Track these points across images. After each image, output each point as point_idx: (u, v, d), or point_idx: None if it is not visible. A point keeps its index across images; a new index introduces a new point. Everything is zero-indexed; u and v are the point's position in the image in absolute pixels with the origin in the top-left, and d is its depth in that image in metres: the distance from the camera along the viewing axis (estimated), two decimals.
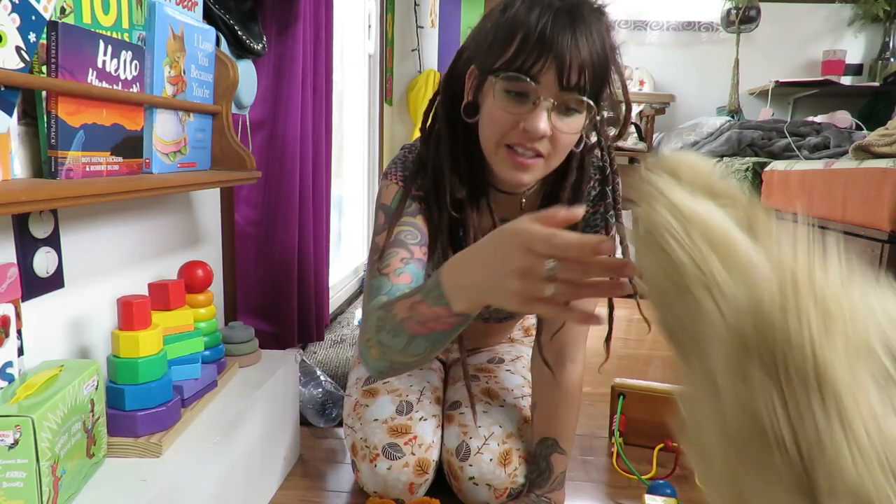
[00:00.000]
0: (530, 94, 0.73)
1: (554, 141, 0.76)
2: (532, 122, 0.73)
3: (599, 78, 0.73)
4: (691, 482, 1.12)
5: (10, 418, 0.57)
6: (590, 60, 0.71)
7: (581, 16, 0.71)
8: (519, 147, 0.76)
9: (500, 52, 0.74)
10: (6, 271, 0.66)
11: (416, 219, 0.88)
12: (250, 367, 1.07)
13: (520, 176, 0.79)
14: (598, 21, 0.73)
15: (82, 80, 0.67)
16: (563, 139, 0.76)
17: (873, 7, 2.99)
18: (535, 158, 0.77)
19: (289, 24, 1.29)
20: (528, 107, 0.74)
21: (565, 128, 0.75)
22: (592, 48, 0.71)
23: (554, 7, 0.71)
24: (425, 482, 0.99)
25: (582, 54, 0.71)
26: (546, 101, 0.73)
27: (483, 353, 1.23)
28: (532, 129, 0.73)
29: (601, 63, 0.72)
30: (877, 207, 1.22)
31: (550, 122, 0.74)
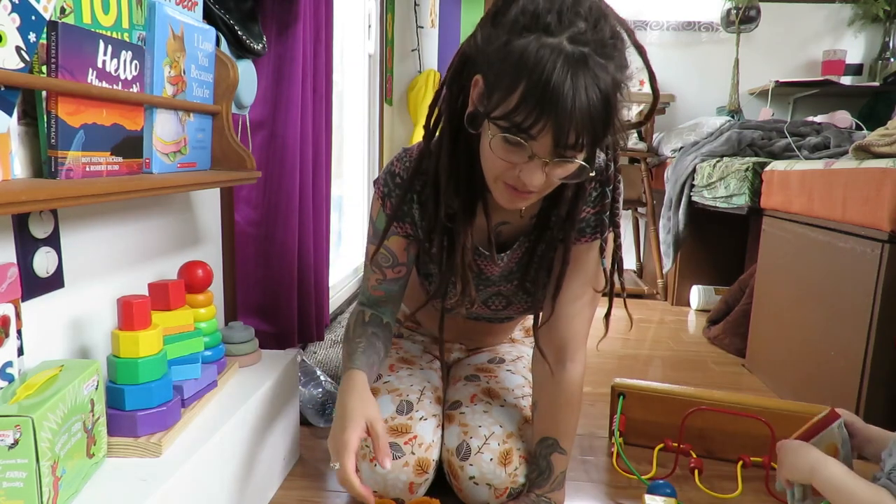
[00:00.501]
0: (526, 149, 0.73)
1: (548, 180, 0.77)
2: (527, 176, 0.75)
3: (600, 131, 0.72)
4: (691, 482, 1.12)
5: (10, 418, 0.57)
6: (589, 120, 0.69)
7: (587, 68, 0.68)
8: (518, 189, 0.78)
9: (501, 98, 0.71)
10: (6, 271, 0.66)
11: (390, 241, 0.98)
12: (250, 367, 1.07)
13: (516, 204, 0.82)
14: (605, 66, 0.69)
15: (82, 80, 0.67)
16: (557, 179, 0.78)
17: (873, 7, 2.99)
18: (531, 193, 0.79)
19: (289, 24, 1.29)
20: (524, 158, 0.74)
21: (561, 174, 0.76)
22: (594, 107, 0.68)
23: (562, 55, 0.67)
24: (425, 482, 0.99)
25: (580, 118, 0.68)
26: (541, 158, 0.73)
27: (484, 353, 1.23)
28: (527, 181, 0.75)
29: (602, 117, 0.70)
30: (877, 207, 1.22)
31: (544, 173, 0.75)
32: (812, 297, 1.50)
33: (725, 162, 2.22)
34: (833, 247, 1.40)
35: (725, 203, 2.15)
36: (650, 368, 1.84)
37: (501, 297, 1.04)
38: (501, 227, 0.96)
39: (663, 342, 2.12)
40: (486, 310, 1.07)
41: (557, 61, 0.67)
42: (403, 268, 1.01)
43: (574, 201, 0.88)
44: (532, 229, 0.95)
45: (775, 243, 1.74)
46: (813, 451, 0.83)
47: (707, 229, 2.55)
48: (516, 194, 0.79)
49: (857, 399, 1.26)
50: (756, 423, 1.14)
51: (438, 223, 0.89)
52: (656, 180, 2.87)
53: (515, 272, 1.00)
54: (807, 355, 1.50)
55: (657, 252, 2.72)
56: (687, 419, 1.15)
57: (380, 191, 0.96)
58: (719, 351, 2.03)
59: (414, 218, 0.95)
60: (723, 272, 2.60)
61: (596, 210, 0.92)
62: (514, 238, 0.97)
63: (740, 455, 1.17)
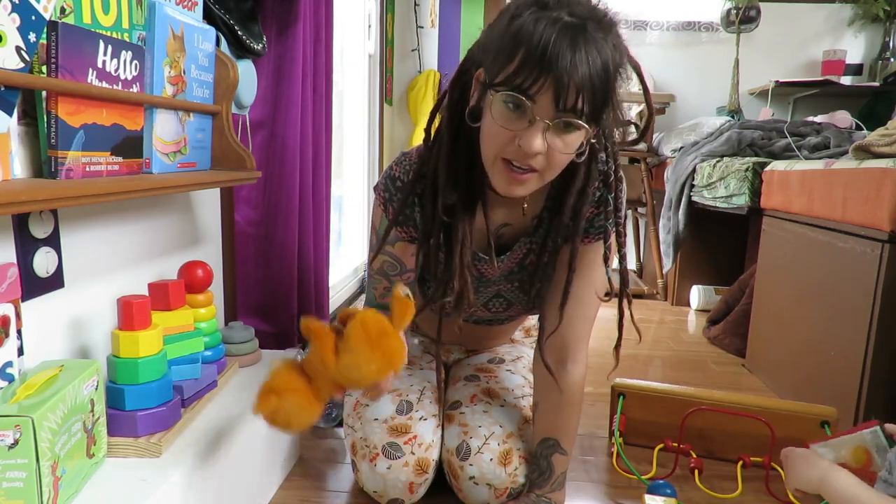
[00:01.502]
0: (527, 112, 0.73)
1: (549, 157, 0.76)
2: (527, 141, 0.74)
3: (599, 98, 0.72)
4: (691, 482, 1.12)
5: (10, 418, 0.57)
6: (588, 82, 0.70)
7: (585, 33, 0.70)
8: (515, 161, 0.77)
9: (502, 67, 0.73)
10: (6, 271, 0.66)
11: (395, 247, 0.97)
12: (250, 367, 1.07)
13: (514, 189, 0.80)
14: (604, 38, 0.71)
15: (82, 80, 0.67)
16: (559, 156, 0.77)
17: (873, 7, 2.99)
18: (530, 173, 0.78)
19: (289, 24, 1.29)
20: (525, 124, 0.74)
21: (561, 146, 0.75)
22: (594, 69, 0.70)
23: (560, 22, 0.69)
24: (425, 482, 0.99)
25: (580, 77, 0.70)
26: (542, 121, 0.73)
27: (484, 354, 1.23)
28: (527, 147, 0.74)
29: (601, 83, 0.71)
30: (877, 207, 1.22)
31: (545, 140, 0.74)
32: (812, 297, 1.50)
33: (725, 162, 2.22)
34: (833, 247, 1.40)
35: (725, 203, 2.15)
36: (650, 368, 1.84)
37: (502, 298, 1.04)
38: (503, 229, 0.96)
39: (663, 342, 2.12)
40: (487, 312, 1.07)
41: (556, 26, 0.69)
42: (411, 274, 0.99)
43: (577, 200, 0.88)
44: (534, 230, 0.95)
45: (775, 243, 1.74)
46: (822, 460, 0.81)
47: (707, 229, 2.55)
48: (514, 176, 0.78)
49: (857, 399, 1.26)
50: (756, 423, 1.14)
51: (436, 218, 0.88)
52: (656, 180, 2.87)
53: (516, 272, 0.99)
54: (807, 355, 1.50)
55: (657, 252, 2.72)
56: (687, 419, 1.15)
57: (381, 196, 0.96)
58: (719, 351, 2.03)
59: (416, 221, 0.95)
60: (723, 272, 2.60)
61: (599, 210, 0.92)
62: (515, 240, 0.97)
63: (740, 455, 1.17)
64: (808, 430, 1.18)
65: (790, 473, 0.84)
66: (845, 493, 0.74)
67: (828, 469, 0.78)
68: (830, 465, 0.79)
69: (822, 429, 1.17)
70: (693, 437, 1.20)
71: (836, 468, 0.78)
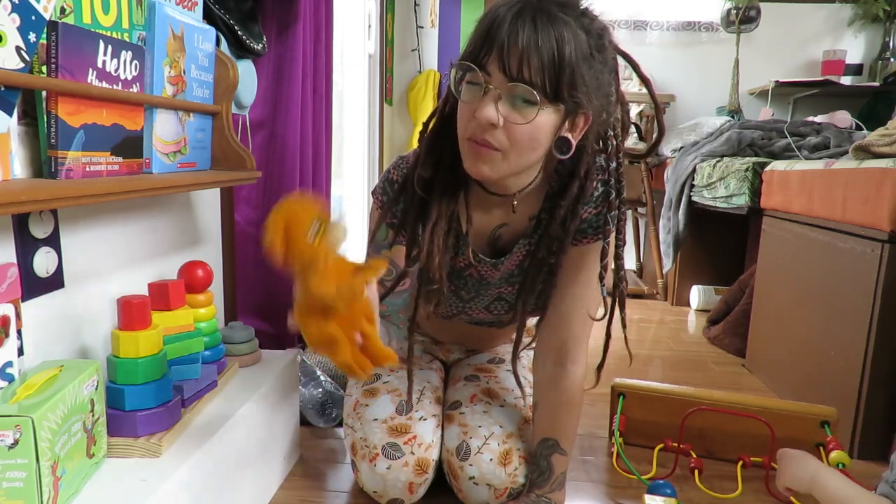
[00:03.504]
0: (481, 84, 0.75)
1: (508, 133, 0.76)
2: (479, 110, 0.75)
3: (552, 70, 0.72)
4: (691, 482, 1.12)
5: (10, 418, 0.57)
6: (534, 50, 0.71)
7: (544, 11, 0.72)
8: (476, 139, 0.78)
9: (465, 49, 0.77)
10: (6, 271, 0.66)
11: (391, 251, 0.95)
12: (250, 367, 1.07)
13: (479, 167, 0.80)
14: (566, 17, 0.72)
15: (82, 80, 0.67)
16: (518, 131, 0.76)
17: (873, 7, 2.99)
18: (491, 150, 0.78)
19: (289, 24, 1.30)
20: (480, 95, 0.76)
21: (517, 118, 0.75)
22: (541, 39, 0.71)
23: (520, 3, 0.73)
24: (425, 482, 0.99)
25: (523, 44, 0.71)
26: (494, 90, 0.74)
27: (484, 354, 1.23)
28: (479, 116, 0.75)
29: (552, 55, 0.72)
30: (877, 207, 1.22)
31: (498, 111, 0.75)
32: (812, 297, 1.50)
33: (725, 162, 2.22)
34: (833, 247, 1.40)
35: (725, 203, 2.15)
36: (650, 368, 1.84)
37: (503, 301, 1.04)
38: (501, 230, 0.96)
39: (663, 342, 2.12)
40: (489, 314, 1.07)
41: (518, 5, 0.73)
42: (408, 280, 0.98)
43: (575, 200, 0.88)
44: (532, 231, 0.95)
45: (775, 243, 1.74)
46: (813, 460, 0.82)
47: (707, 229, 2.55)
48: (477, 150, 0.78)
49: (857, 399, 1.26)
50: (756, 423, 1.14)
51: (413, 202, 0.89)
52: (656, 180, 2.87)
53: (516, 275, 0.99)
54: (807, 355, 1.50)
55: (657, 252, 2.72)
56: (687, 419, 1.15)
57: (378, 200, 0.96)
58: (719, 351, 2.03)
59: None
60: (723, 272, 2.60)
61: (598, 210, 0.91)
62: (513, 242, 0.97)
63: (740, 455, 1.17)
64: (808, 430, 1.18)
65: (782, 473, 0.85)
66: (835, 493, 0.75)
67: (818, 469, 0.79)
68: (821, 466, 0.80)
69: (822, 429, 1.17)
70: (693, 437, 1.20)
71: (827, 468, 0.79)
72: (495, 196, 0.91)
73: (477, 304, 1.04)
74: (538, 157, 0.81)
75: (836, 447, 1.13)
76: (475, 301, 1.03)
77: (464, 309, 1.05)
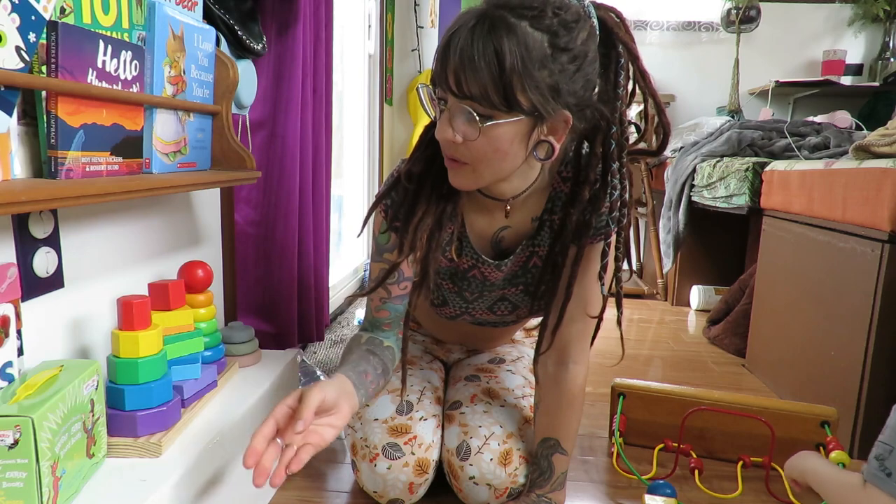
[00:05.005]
0: (441, 102, 0.77)
1: (469, 148, 0.77)
2: (438, 129, 0.77)
3: (494, 82, 0.70)
4: (691, 482, 1.12)
5: (10, 418, 0.57)
6: (472, 66, 0.70)
7: (487, 19, 0.70)
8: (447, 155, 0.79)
9: None
10: (6, 271, 0.66)
11: (393, 254, 0.94)
12: (250, 367, 1.07)
13: (455, 181, 0.82)
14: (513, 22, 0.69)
15: (82, 80, 0.67)
16: (475, 146, 0.76)
17: (873, 7, 2.99)
18: (460, 164, 0.79)
19: (289, 24, 1.30)
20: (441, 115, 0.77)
21: (470, 134, 0.75)
22: (481, 52, 0.69)
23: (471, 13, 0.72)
24: (425, 482, 0.99)
25: (462, 60, 0.70)
26: (447, 109, 0.75)
27: (484, 354, 1.23)
28: (438, 136, 0.77)
29: (493, 67, 0.69)
30: (877, 207, 1.22)
31: (454, 129, 0.75)
32: (812, 297, 1.50)
33: (725, 162, 2.22)
34: (833, 247, 1.40)
35: (725, 203, 2.15)
36: (650, 368, 1.84)
37: (507, 301, 1.04)
38: (503, 232, 0.96)
39: (663, 342, 2.12)
40: (493, 315, 1.06)
41: (462, 16, 0.73)
42: (409, 283, 0.97)
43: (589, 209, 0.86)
44: (535, 234, 0.95)
45: (775, 243, 1.74)
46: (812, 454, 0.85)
47: (707, 229, 2.55)
48: (450, 164, 0.80)
49: (857, 399, 1.27)
50: (756, 423, 1.14)
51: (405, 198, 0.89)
52: (656, 180, 2.87)
53: (520, 276, 0.99)
54: (807, 355, 1.50)
55: (657, 252, 2.72)
56: (687, 419, 1.15)
57: (383, 205, 0.95)
58: (719, 351, 2.03)
59: None
60: (723, 272, 2.60)
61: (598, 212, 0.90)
62: (516, 243, 0.97)
63: (740, 455, 1.17)
64: (808, 430, 1.18)
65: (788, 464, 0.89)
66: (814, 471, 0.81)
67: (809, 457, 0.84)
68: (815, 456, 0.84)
69: (823, 429, 1.17)
70: (693, 437, 1.20)
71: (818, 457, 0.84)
72: (491, 199, 0.91)
73: (481, 304, 1.04)
74: (512, 165, 0.80)
75: (836, 447, 1.13)
76: (479, 302, 1.03)
77: (467, 309, 1.05)
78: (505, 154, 0.77)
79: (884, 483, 0.69)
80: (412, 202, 0.88)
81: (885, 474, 0.69)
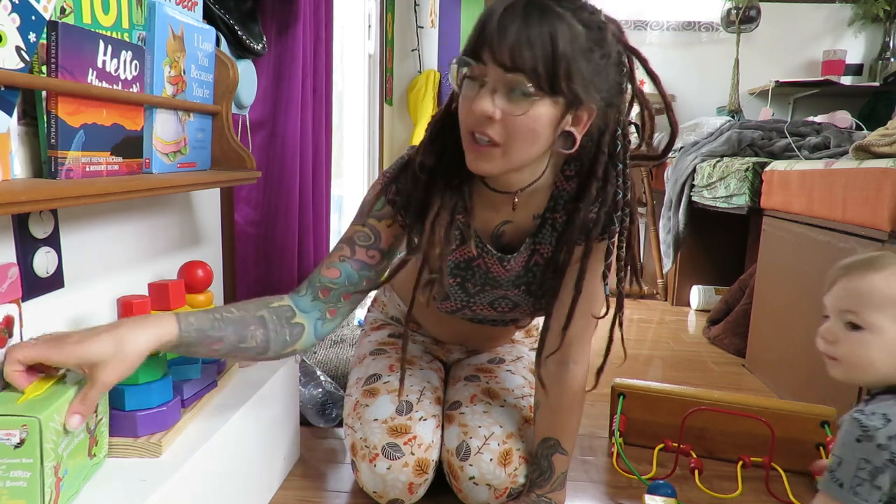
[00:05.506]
0: (478, 77, 0.76)
1: (507, 126, 0.76)
2: (476, 103, 0.75)
3: (547, 63, 0.72)
4: (691, 482, 1.12)
5: (17, 418, 0.57)
6: (525, 42, 0.71)
7: (537, 4, 0.72)
8: (476, 133, 0.78)
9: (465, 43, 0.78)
10: (7, 271, 0.66)
11: (381, 222, 0.92)
12: (250, 367, 1.07)
13: (479, 164, 0.80)
14: (563, 11, 0.73)
15: (82, 80, 0.67)
16: (516, 124, 0.76)
17: (873, 7, 2.99)
18: (490, 147, 0.78)
19: (289, 24, 1.30)
20: (478, 89, 0.76)
21: (513, 110, 0.75)
22: (532, 31, 0.71)
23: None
24: (425, 482, 0.99)
25: (514, 36, 0.71)
26: (490, 82, 0.75)
27: (484, 354, 1.23)
28: (476, 108, 0.75)
29: (544, 48, 0.72)
30: (877, 207, 1.22)
31: (494, 103, 0.75)
32: (812, 297, 1.49)
33: (725, 162, 2.22)
34: (833, 247, 1.40)
35: (725, 203, 2.15)
36: (650, 368, 1.84)
37: (508, 300, 1.04)
38: (504, 227, 0.95)
39: (663, 342, 2.12)
40: (493, 311, 1.06)
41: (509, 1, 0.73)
42: (378, 255, 0.93)
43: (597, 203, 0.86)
44: (537, 231, 0.95)
45: (775, 243, 1.74)
46: None
47: (707, 229, 2.55)
48: (476, 148, 0.78)
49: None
50: (756, 423, 1.14)
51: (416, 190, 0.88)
52: (656, 180, 2.87)
53: (522, 276, 0.99)
54: (807, 355, 1.50)
55: (657, 252, 2.72)
56: (687, 419, 1.15)
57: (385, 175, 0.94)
58: (719, 351, 2.03)
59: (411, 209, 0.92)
60: (723, 272, 2.60)
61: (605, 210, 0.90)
62: (519, 240, 0.96)
63: (740, 455, 1.17)
64: (808, 430, 1.18)
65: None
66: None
67: None
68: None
69: (823, 429, 1.17)
70: (693, 437, 1.20)
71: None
72: (498, 193, 0.90)
73: (482, 299, 1.03)
74: (538, 151, 0.81)
75: None
76: (480, 296, 1.03)
77: (468, 304, 1.04)
78: (538, 136, 0.78)
79: (836, 493, 0.70)
80: (424, 196, 0.88)
81: (838, 485, 0.70)
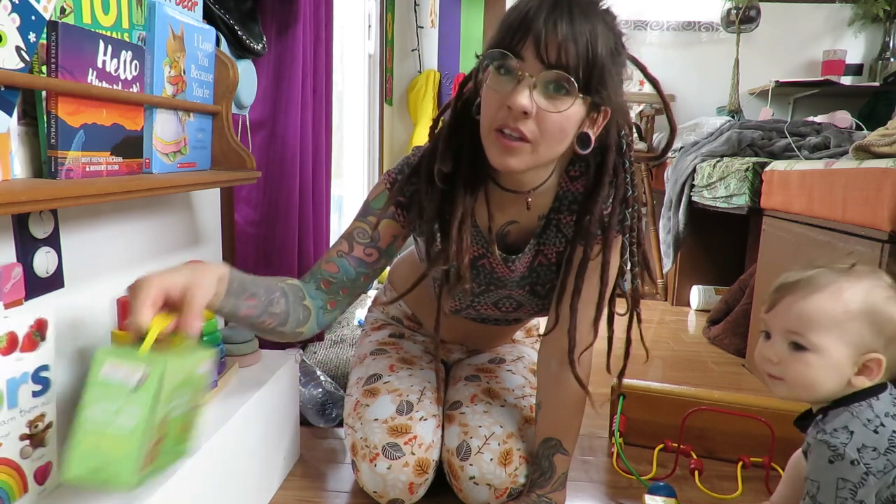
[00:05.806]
0: (514, 72, 0.75)
1: (540, 122, 0.76)
2: (513, 98, 0.74)
3: (586, 61, 0.74)
4: (691, 482, 1.12)
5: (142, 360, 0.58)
6: (572, 40, 0.72)
7: (578, 5, 0.73)
8: (506, 129, 0.77)
9: (494, 39, 0.77)
10: (10, 271, 0.65)
11: (381, 222, 0.93)
12: (250, 367, 1.07)
13: (506, 160, 0.79)
14: (592, 13, 0.74)
15: (82, 80, 0.67)
16: (550, 121, 0.76)
17: (873, 7, 2.99)
18: (521, 142, 0.77)
19: (289, 24, 1.30)
20: (513, 84, 0.75)
21: (550, 106, 0.75)
22: (577, 30, 0.73)
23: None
24: (425, 482, 0.99)
25: (562, 33, 0.72)
26: (529, 77, 0.74)
27: (485, 354, 1.23)
28: (513, 103, 0.74)
29: (586, 45, 0.73)
30: (877, 207, 1.22)
31: (532, 99, 0.74)
32: None
33: (725, 162, 2.22)
34: (833, 247, 1.40)
35: (725, 203, 2.15)
36: (650, 368, 1.84)
37: (512, 300, 1.04)
38: (509, 227, 0.95)
39: (663, 342, 2.12)
40: (497, 311, 1.06)
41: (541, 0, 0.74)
42: (376, 253, 0.94)
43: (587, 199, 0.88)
44: (541, 231, 0.95)
45: (775, 243, 1.74)
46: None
47: (707, 229, 2.55)
48: (505, 143, 0.77)
49: None
50: (756, 423, 1.14)
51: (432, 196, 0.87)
52: (656, 180, 2.87)
53: (526, 276, 0.99)
54: None
55: (657, 252, 2.72)
56: (687, 419, 1.15)
57: (389, 175, 0.95)
58: (719, 351, 2.03)
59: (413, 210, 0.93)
60: (723, 272, 2.60)
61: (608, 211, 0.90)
62: (523, 240, 0.96)
63: (740, 455, 1.17)
64: None
65: None
66: None
67: None
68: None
69: None
70: (693, 437, 1.20)
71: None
72: (508, 192, 0.91)
73: (486, 299, 1.03)
74: (562, 149, 0.82)
75: None
76: (485, 295, 1.03)
77: (472, 303, 1.04)
78: (566, 135, 0.79)
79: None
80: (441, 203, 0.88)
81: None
